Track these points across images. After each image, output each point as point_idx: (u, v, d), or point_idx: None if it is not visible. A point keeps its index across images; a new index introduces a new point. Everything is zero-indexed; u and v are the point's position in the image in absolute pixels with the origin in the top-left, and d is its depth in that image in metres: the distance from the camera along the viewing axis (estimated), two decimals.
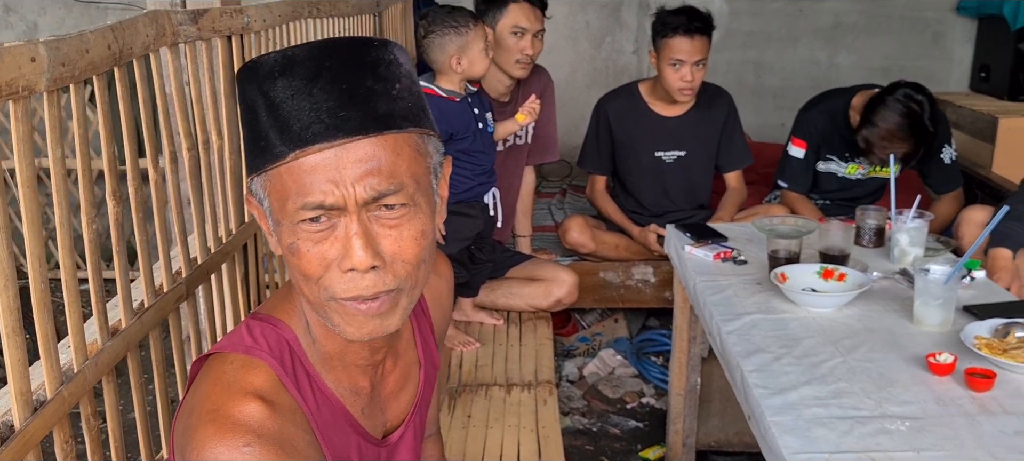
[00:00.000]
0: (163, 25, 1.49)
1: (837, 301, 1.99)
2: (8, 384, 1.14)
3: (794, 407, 1.56)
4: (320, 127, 0.85)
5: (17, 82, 1.03)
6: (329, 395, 0.99)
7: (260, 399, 0.89)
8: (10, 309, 1.10)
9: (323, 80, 0.86)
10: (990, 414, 1.51)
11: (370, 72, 0.89)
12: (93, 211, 1.29)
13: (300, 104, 0.86)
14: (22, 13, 5.43)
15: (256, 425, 0.87)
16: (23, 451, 1.13)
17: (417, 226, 0.91)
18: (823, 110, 3.38)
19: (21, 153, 1.09)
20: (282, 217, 0.89)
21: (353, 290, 0.89)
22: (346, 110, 0.86)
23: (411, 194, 0.90)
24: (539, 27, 3.01)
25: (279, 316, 0.99)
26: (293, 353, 0.97)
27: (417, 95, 0.94)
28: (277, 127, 0.87)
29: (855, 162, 3.38)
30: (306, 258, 0.88)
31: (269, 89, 0.88)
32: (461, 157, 2.74)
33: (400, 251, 0.90)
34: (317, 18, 2.46)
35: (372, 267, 0.88)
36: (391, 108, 0.89)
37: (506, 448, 2.21)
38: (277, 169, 0.88)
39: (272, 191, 0.89)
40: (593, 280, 3.50)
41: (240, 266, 1.96)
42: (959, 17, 5.24)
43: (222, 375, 0.92)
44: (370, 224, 0.88)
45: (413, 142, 0.91)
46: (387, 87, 0.89)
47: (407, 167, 0.89)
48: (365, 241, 0.87)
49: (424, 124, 0.94)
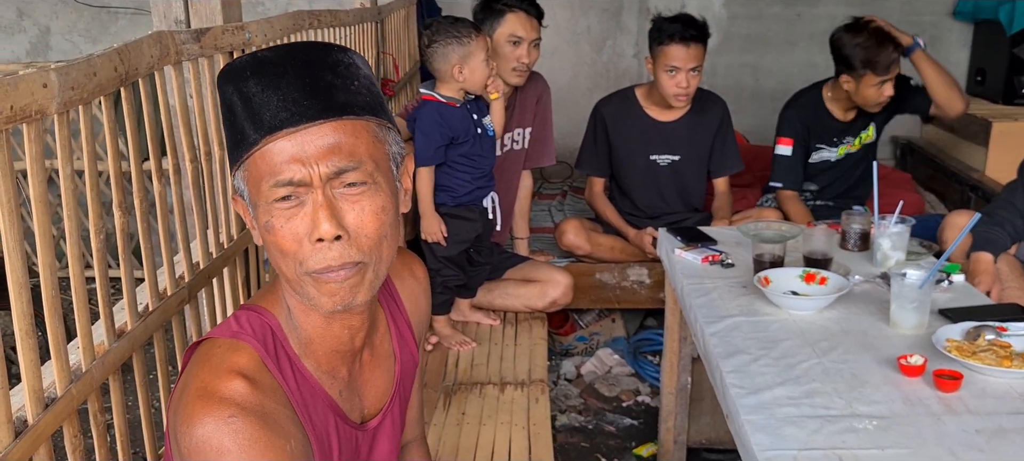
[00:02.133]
0: (167, 45, 1.58)
1: (817, 304, 2.04)
2: (22, 382, 1.22)
3: (767, 406, 1.62)
4: (286, 114, 0.97)
5: (30, 107, 1.11)
6: (308, 377, 1.09)
7: (244, 377, 0.99)
8: (24, 313, 1.18)
9: (289, 76, 0.98)
10: (954, 414, 1.57)
11: (330, 70, 1.00)
12: (100, 222, 1.38)
13: (269, 97, 0.97)
14: (35, 18, 5.53)
15: (240, 399, 0.96)
16: (35, 445, 1.21)
17: (378, 202, 1.01)
18: (801, 105, 3.55)
19: (34, 172, 1.17)
20: (258, 200, 1.00)
21: (322, 261, 0.99)
22: (309, 100, 0.97)
23: (370, 172, 1.00)
24: (535, 36, 3.08)
25: (264, 305, 1.09)
26: (276, 337, 1.07)
27: (375, 94, 1.04)
28: (250, 119, 0.98)
29: (844, 143, 3.54)
30: (280, 234, 0.99)
31: (243, 87, 0.99)
32: (461, 161, 2.81)
33: (362, 224, 1.00)
34: (318, 29, 2.53)
35: (337, 237, 0.98)
36: (349, 99, 1.00)
37: (498, 444, 2.29)
38: (252, 157, 0.99)
39: (249, 178, 1.00)
40: (589, 281, 3.57)
41: (241, 270, 2.04)
42: (955, 21, 5.29)
43: (210, 357, 1.02)
44: (334, 200, 0.98)
45: (371, 129, 1.01)
46: (346, 83, 1.00)
47: (366, 148, 1.00)
48: (329, 212, 0.97)
49: (382, 116, 1.04)
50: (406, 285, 1.27)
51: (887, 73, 3.25)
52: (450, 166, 2.80)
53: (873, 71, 3.25)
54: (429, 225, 2.79)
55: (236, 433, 0.94)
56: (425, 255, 2.92)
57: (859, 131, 3.55)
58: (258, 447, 0.94)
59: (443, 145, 2.74)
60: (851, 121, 3.52)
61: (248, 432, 0.94)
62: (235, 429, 0.94)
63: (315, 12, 2.51)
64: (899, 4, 5.31)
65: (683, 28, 3.21)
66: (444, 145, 2.74)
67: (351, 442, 1.14)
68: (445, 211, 2.82)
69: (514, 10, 3.04)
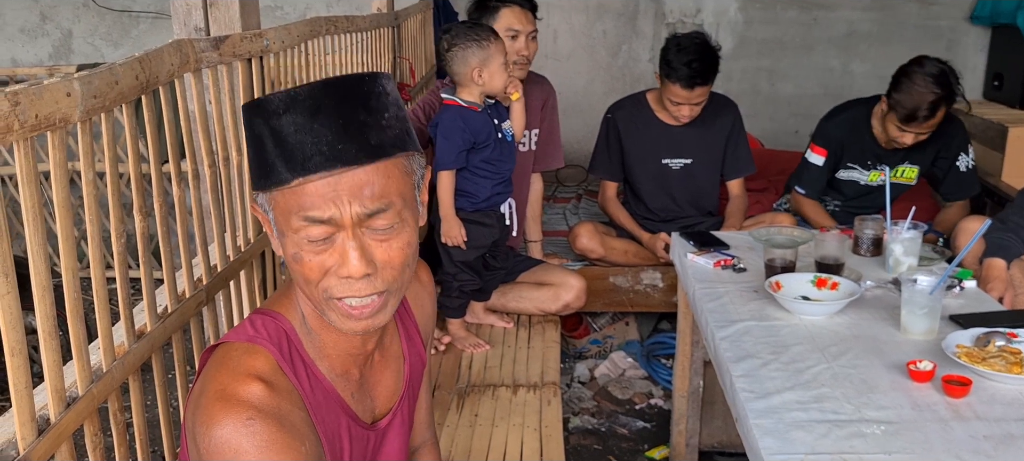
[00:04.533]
0: (187, 53, 1.61)
1: (828, 309, 2.05)
2: (45, 381, 1.26)
3: (776, 410, 1.63)
4: (320, 158, 0.98)
5: (54, 115, 1.15)
6: (322, 380, 1.12)
7: (261, 380, 1.02)
8: (47, 315, 1.22)
9: (322, 115, 0.99)
10: (963, 419, 1.57)
11: (362, 106, 1.01)
12: (122, 225, 1.41)
13: (303, 137, 0.98)
14: (58, 21, 5.61)
15: (257, 401, 1.00)
16: (57, 442, 1.25)
17: (404, 238, 1.05)
18: (845, 119, 3.44)
19: (57, 177, 1.21)
20: (286, 230, 1.02)
21: (348, 292, 1.02)
22: (343, 142, 0.99)
23: (399, 211, 1.03)
24: (531, 29, 3.10)
25: (279, 310, 1.12)
26: (290, 342, 1.10)
27: (403, 119, 1.06)
28: (283, 156, 0.99)
29: (877, 169, 3.42)
30: (308, 265, 1.02)
31: (275, 124, 0.99)
32: (483, 166, 2.83)
33: (389, 259, 1.03)
34: (335, 35, 2.56)
35: (365, 274, 1.01)
36: (381, 138, 1.01)
37: (510, 446, 2.31)
38: (282, 191, 1.01)
39: (277, 207, 1.02)
40: (603, 284, 3.59)
41: (258, 272, 2.07)
42: (973, 26, 5.27)
43: (227, 361, 1.05)
44: (363, 237, 1.01)
45: (401, 165, 1.04)
46: (377, 118, 1.02)
47: (396, 188, 1.02)
48: (360, 253, 1.00)
49: (409, 147, 1.06)
50: (413, 290, 1.30)
51: (907, 126, 3.14)
52: (472, 172, 2.82)
53: (895, 113, 3.16)
54: (450, 229, 2.82)
55: (254, 435, 0.97)
56: (442, 258, 2.94)
57: (897, 164, 3.39)
58: (275, 449, 0.97)
59: (465, 149, 2.76)
60: (892, 151, 3.37)
61: (266, 434, 0.98)
62: (253, 431, 0.97)
63: (332, 18, 2.54)
64: (917, 9, 5.30)
65: (689, 75, 3.20)
66: (466, 149, 2.76)
67: (362, 442, 1.18)
68: (464, 216, 2.84)
69: (508, 5, 3.06)
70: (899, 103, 3.13)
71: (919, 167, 3.44)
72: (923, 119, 3.10)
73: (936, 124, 3.16)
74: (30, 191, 1.15)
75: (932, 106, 3.08)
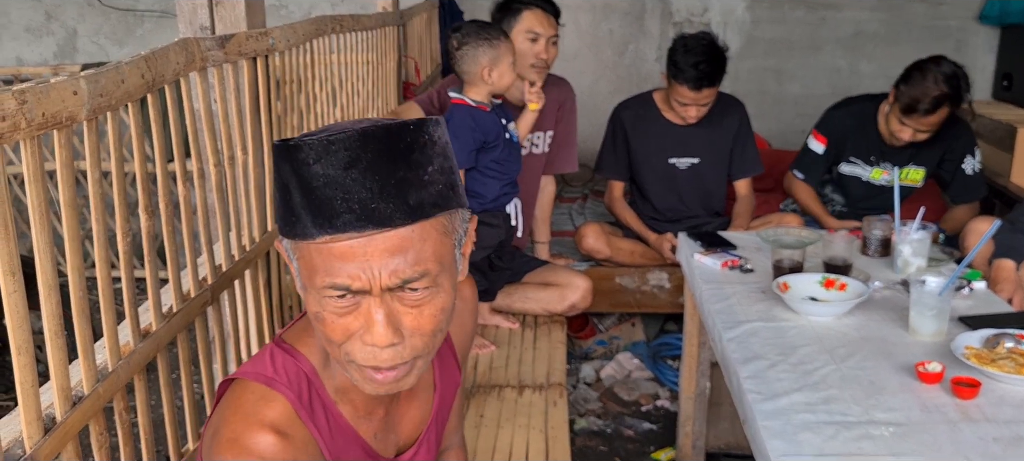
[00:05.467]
0: (193, 52, 1.61)
1: (836, 310, 2.04)
2: (50, 380, 1.26)
3: (784, 412, 1.62)
4: (351, 217, 0.89)
5: (61, 114, 1.14)
6: (343, 425, 1.06)
7: (275, 431, 0.97)
8: (53, 314, 1.22)
9: (357, 171, 0.89)
10: (972, 421, 1.56)
11: (403, 160, 0.91)
12: (127, 225, 1.41)
13: (333, 192, 0.89)
14: (63, 20, 5.62)
15: (269, 455, 0.95)
16: (63, 441, 1.25)
17: (437, 304, 0.95)
18: (851, 111, 3.43)
19: (64, 176, 1.21)
20: (310, 286, 0.94)
21: (372, 360, 0.94)
22: (376, 202, 0.89)
23: (434, 277, 0.93)
24: (552, 33, 3.09)
25: (300, 348, 1.05)
26: (311, 385, 1.03)
27: (449, 172, 0.96)
28: (310, 209, 0.90)
29: (880, 166, 3.41)
30: (331, 326, 0.94)
31: (304, 172, 0.90)
32: (491, 167, 2.82)
33: (419, 327, 0.95)
34: (340, 34, 2.56)
35: (391, 344, 0.93)
36: (421, 197, 0.92)
37: (515, 447, 2.30)
38: (307, 245, 0.92)
39: (301, 259, 0.94)
40: (609, 285, 3.58)
41: (263, 272, 2.07)
42: (982, 26, 5.24)
43: (242, 404, 0.99)
44: (393, 304, 0.93)
45: (441, 225, 0.94)
46: (419, 174, 0.92)
47: (433, 251, 0.93)
48: (387, 321, 0.92)
49: (453, 204, 0.96)
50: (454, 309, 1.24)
51: (906, 117, 3.14)
52: (481, 172, 2.82)
53: (899, 104, 3.15)
54: None
55: None
56: None
57: (902, 164, 3.35)
58: None
59: (475, 149, 2.76)
60: (896, 150, 3.34)
61: None
62: None
63: (337, 17, 2.53)
64: (925, 8, 5.28)
65: (697, 77, 3.19)
66: (475, 149, 2.76)
67: None
68: None
69: (531, 7, 3.06)
70: (904, 93, 3.12)
71: (925, 168, 3.42)
72: (923, 112, 3.09)
73: (935, 124, 3.14)
74: (36, 190, 1.15)
75: (934, 102, 3.07)
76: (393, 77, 3.68)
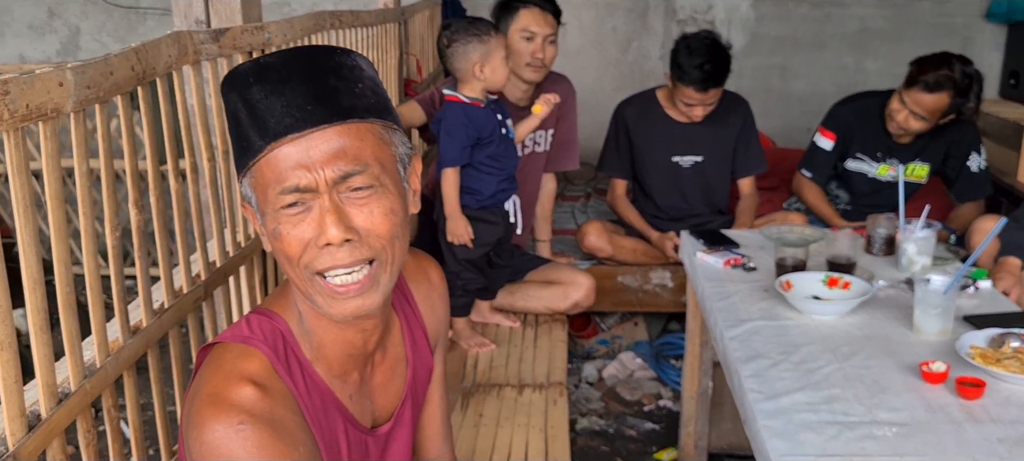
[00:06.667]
0: (185, 45, 1.59)
1: (839, 309, 2.02)
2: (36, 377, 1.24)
3: (785, 412, 1.60)
4: (290, 120, 0.96)
5: (46, 105, 1.12)
6: (318, 382, 1.08)
7: (253, 383, 0.99)
8: (38, 309, 1.20)
9: (293, 81, 0.97)
10: (977, 422, 1.54)
11: (333, 73, 0.99)
12: (116, 220, 1.39)
13: (273, 103, 0.96)
14: (65, 18, 5.62)
15: (249, 406, 0.97)
16: (48, 438, 1.23)
17: (386, 203, 1.00)
18: (858, 106, 3.41)
19: (49, 168, 1.18)
20: (265, 207, 0.99)
21: (330, 261, 0.98)
22: (313, 105, 0.97)
23: (376, 175, 0.99)
24: (549, 32, 3.06)
25: (275, 310, 1.09)
26: (286, 343, 1.07)
27: (381, 96, 1.03)
28: (255, 126, 0.97)
29: (887, 163, 3.38)
30: (287, 240, 0.98)
31: (246, 93, 0.98)
32: (487, 163, 2.80)
33: (372, 226, 0.99)
34: (339, 30, 2.54)
35: (346, 240, 0.97)
36: (354, 102, 0.99)
37: (515, 447, 2.28)
38: (258, 163, 0.98)
39: (256, 185, 1.00)
40: (611, 284, 3.55)
41: (259, 269, 2.05)
42: (988, 23, 5.20)
43: (221, 363, 1.02)
44: (341, 204, 0.98)
45: (376, 131, 1.01)
46: (350, 85, 1.00)
47: (371, 151, 0.99)
48: (337, 216, 0.97)
49: (387, 118, 1.03)
50: (421, 289, 1.25)
51: (907, 90, 3.12)
52: (476, 168, 2.80)
53: (906, 86, 3.13)
54: (455, 227, 2.79)
55: (245, 440, 0.95)
56: (445, 257, 2.92)
57: (908, 160, 3.34)
58: (266, 454, 0.95)
59: (469, 146, 2.74)
60: (903, 145, 3.34)
61: (257, 439, 0.95)
62: (244, 436, 0.95)
63: (337, 12, 2.51)
64: (932, 5, 5.24)
65: (702, 78, 3.16)
66: (470, 146, 2.74)
67: (361, 447, 1.14)
68: (468, 213, 2.82)
69: (527, 6, 3.03)
70: (912, 69, 3.12)
71: (929, 164, 3.39)
72: (923, 86, 3.07)
73: (932, 108, 3.11)
74: (20, 182, 1.13)
75: (936, 82, 3.05)
76: (394, 74, 3.66)
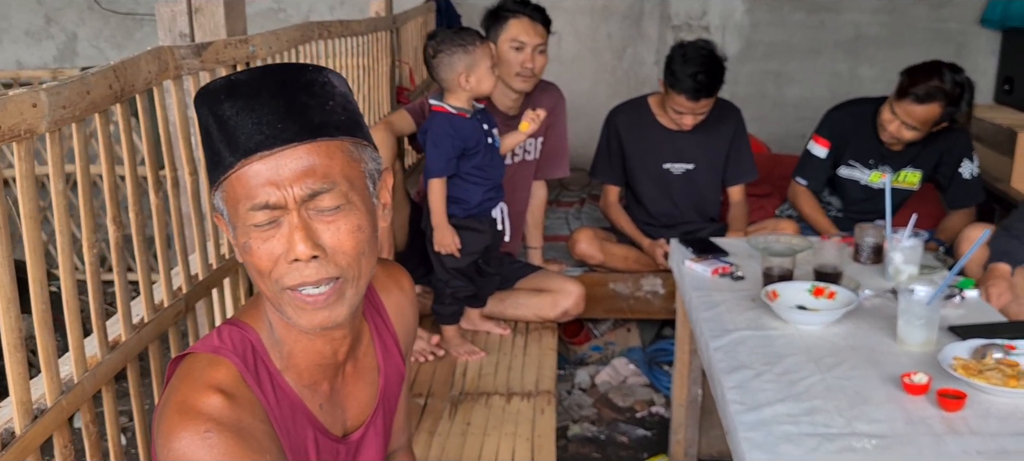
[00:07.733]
0: (166, 61, 1.59)
1: (824, 319, 2.02)
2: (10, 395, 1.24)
3: (767, 423, 1.60)
4: (261, 137, 0.98)
5: (19, 126, 1.13)
6: (288, 392, 1.09)
7: (221, 392, 1.00)
8: (12, 327, 1.20)
9: (263, 97, 0.99)
10: (957, 434, 1.54)
11: (304, 90, 1.01)
12: (94, 236, 1.39)
13: (243, 119, 0.98)
14: (62, 24, 5.63)
15: (216, 414, 0.98)
16: (23, 455, 1.23)
17: (353, 221, 1.02)
18: (851, 112, 3.41)
19: (24, 189, 1.19)
20: (236, 221, 1.01)
21: (298, 278, 1.00)
22: (283, 122, 0.98)
23: (344, 192, 1.01)
24: (538, 41, 3.06)
25: (247, 320, 1.11)
26: (256, 353, 1.08)
27: (351, 112, 1.05)
28: (226, 142, 0.99)
29: (879, 169, 3.38)
30: (257, 255, 1.00)
31: (217, 109, 1.00)
32: (473, 172, 2.80)
33: (339, 243, 1.01)
34: (327, 39, 2.54)
35: (313, 257, 0.99)
36: (324, 119, 1.01)
37: (501, 454, 2.28)
38: (229, 179, 1.00)
39: (227, 200, 1.01)
40: (603, 291, 3.55)
41: (243, 282, 2.05)
42: (983, 29, 5.20)
43: (190, 372, 1.03)
44: (310, 221, 0.99)
45: (345, 148, 1.02)
46: (321, 102, 1.01)
47: (340, 169, 1.01)
48: (305, 234, 0.98)
49: (357, 135, 1.04)
50: (392, 297, 1.27)
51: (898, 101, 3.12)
52: (462, 178, 2.80)
53: (897, 97, 3.13)
54: (442, 237, 2.79)
55: (212, 448, 0.95)
56: (434, 265, 2.92)
57: (900, 167, 3.35)
58: None
59: (455, 156, 2.74)
60: (896, 152, 3.33)
61: (223, 447, 0.96)
62: (211, 444, 0.95)
63: (325, 23, 2.52)
64: (926, 11, 5.24)
65: (695, 88, 3.16)
66: (456, 156, 2.74)
67: (332, 455, 1.15)
68: (455, 222, 2.82)
69: (517, 15, 3.03)
70: (903, 78, 3.11)
71: (921, 171, 3.39)
72: (913, 98, 3.07)
73: (923, 119, 3.10)
74: None
75: (927, 93, 3.05)
76: (386, 82, 3.66)
